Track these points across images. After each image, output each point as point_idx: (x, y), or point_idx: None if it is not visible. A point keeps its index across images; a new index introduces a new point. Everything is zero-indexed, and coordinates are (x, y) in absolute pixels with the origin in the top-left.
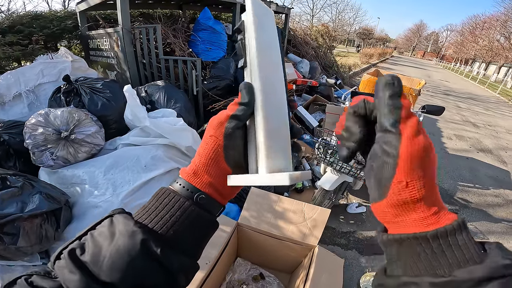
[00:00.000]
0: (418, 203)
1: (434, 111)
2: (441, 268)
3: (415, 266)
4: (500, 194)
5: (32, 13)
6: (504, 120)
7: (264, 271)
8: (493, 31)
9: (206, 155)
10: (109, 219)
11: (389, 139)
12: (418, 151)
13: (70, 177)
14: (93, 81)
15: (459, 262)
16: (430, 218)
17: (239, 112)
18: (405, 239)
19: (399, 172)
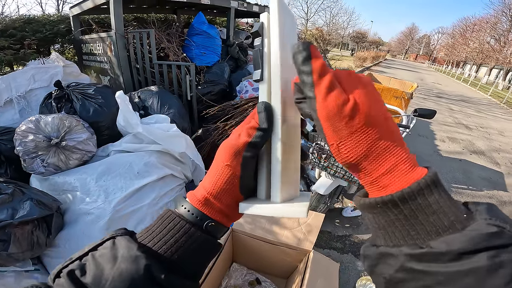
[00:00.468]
0: (362, 163)
1: (426, 114)
2: (419, 237)
3: (393, 235)
4: (494, 195)
5: (25, 17)
6: (496, 121)
7: (260, 276)
8: (483, 34)
9: (220, 185)
10: (111, 240)
11: (313, 105)
12: (333, 109)
13: (61, 184)
14: (85, 87)
15: (437, 229)
16: (383, 179)
17: (257, 139)
18: (374, 204)
19: (327, 136)
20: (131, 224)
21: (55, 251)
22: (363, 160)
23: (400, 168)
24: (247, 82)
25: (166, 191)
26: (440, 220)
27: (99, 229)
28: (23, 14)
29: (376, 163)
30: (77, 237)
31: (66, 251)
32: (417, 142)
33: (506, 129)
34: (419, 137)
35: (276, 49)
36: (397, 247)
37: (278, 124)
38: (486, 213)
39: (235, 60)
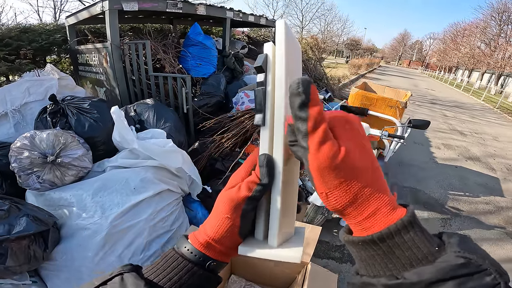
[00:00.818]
0: (348, 209)
1: (420, 125)
2: (395, 269)
3: (373, 267)
4: (491, 201)
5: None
6: (490, 127)
7: (258, 287)
8: (473, 38)
9: (221, 232)
10: (119, 277)
11: (305, 154)
12: (324, 163)
13: (57, 199)
14: (80, 101)
15: (411, 262)
16: (366, 222)
17: (257, 194)
18: (357, 242)
19: (316, 185)
20: (129, 239)
21: (52, 264)
22: (349, 206)
23: (381, 211)
24: (243, 94)
25: (163, 205)
26: (414, 254)
27: (97, 244)
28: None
29: (360, 209)
30: (74, 251)
31: (63, 265)
32: (413, 149)
33: (500, 134)
34: (415, 145)
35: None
36: (377, 278)
37: (279, 177)
38: (457, 245)
39: (231, 71)
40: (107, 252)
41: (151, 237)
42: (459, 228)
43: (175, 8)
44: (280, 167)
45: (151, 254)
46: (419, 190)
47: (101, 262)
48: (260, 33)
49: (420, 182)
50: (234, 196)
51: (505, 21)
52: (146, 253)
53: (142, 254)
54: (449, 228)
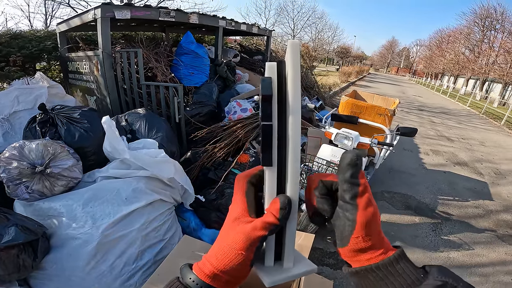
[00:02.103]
0: (369, 248)
1: (408, 132)
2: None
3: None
4: (480, 205)
5: (11, 32)
6: (477, 132)
7: None
8: (458, 44)
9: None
10: None
11: (349, 208)
12: (369, 218)
13: (46, 209)
14: (70, 110)
15: (402, 286)
16: (378, 257)
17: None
18: (360, 271)
19: (356, 231)
20: (121, 248)
21: (42, 274)
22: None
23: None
24: (235, 103)
25: (156, 215)
26: (404, 280)
27: (87, 253)
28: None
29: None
30: (64, 260)
31: (53, 274)
32: (402, 156)
33: (487, 139)
34: (404, 151)
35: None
36: None
37: (296, 211)
38: (436, 272)
39: (223, 80)
40: (98, 262)
41: (144, 247)
42: (450, 232)
43: (168, 17)
44: (296, 204)
45: (143, 263)
46: (410, 196)
47: (92, 272)
48: (252, 41)
49: (411, 188)
50: (252, 234)
51: (488, 26)
52: (139, 263)
53: (135, 264)
54: (440, 232)
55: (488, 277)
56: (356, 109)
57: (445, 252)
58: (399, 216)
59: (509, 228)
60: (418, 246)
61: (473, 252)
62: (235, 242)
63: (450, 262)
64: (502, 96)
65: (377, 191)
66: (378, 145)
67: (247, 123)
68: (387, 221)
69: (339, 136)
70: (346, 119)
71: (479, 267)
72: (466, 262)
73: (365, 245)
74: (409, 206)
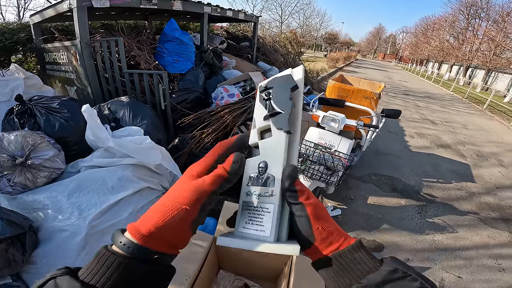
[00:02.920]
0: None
1: (393, 114)
2: (353, 279)
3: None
4: (463, 187)
5: None
6: (459, 116)
7: (248, 281)
8: (443, 32)
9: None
10: (53, 281)
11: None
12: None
13: (31, 202)
14: (49, 100)
15: (362, 273)
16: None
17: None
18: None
19: (313, 223)
20: (109, 239)
21: (33, 268)
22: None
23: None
24: (222, 89)
25: (144, 203)
26: (363, 267)
27: (76, 245)
28: None
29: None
30: (53, 253)
31: (44, 267)
32: (388, 139)
33: (469, 122)
34: (390, 134)
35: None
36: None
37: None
38: (390, 261)
39: (209, 66)
40: (88, 253)
41: None
42: (434, 214)
43: (150, 4)
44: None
45: None
46: (396, 178)
47: (83, 264)
48: (239, 28)
49: (397, 170)
50: (200, 187)
51: (473, 15)
52: None
53: None
54: (425, 215)
55: (472, 260)
56: (343, 92)
57: (430, 235)
58: (386, 199)
59: (491, 211)
60: (404, 228)
61: (457, 235)
62: (181, 195)
63: (435, 245)
64: (485, 81)
65: (364, 174)
66: (364, 127)
67: (235, 108)
68: (374, 203)
69: (326, 118)
70: (333, 103)
71: (463, 251)
72: (450, 245)
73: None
74: (395, 189)
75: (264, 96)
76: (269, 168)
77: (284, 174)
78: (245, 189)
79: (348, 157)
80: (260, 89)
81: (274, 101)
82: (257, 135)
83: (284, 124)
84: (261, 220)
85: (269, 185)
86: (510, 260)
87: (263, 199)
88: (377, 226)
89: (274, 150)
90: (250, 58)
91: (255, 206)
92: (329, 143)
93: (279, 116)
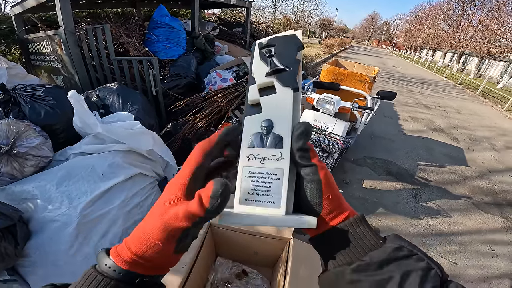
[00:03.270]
0: (339, 209)
1: (388, 96)
2: (354, 256)
3: (338, 257)
4: (456, 171)
5: None
6: (452, 101)
7: (246, 267)
8: (437, 19)
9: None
10: None
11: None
12: (327, 173)
13: (19, 193)
14: (33, 88)
15: (364, 250)
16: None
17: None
18: (324, 236)
19: (325, 191)
20: (102, 228)
21: (28, 261)
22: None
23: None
24: (215, 73)
25: (137, 190)
26: (365, 243)
27: (69, 235)
28: None
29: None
30: (46, 245)
31: (38, 260)
32: (383, 122)
33: (462, 107)
34: (385, 118)
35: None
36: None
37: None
38: (393, 238)
39: (201, 52)
40: (82, 243)
41: (128, 224)
42: (429, 198)
43: None
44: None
45: None
46: (391, 162)
47: (77, 254)
48: (231, 14)
49: (391, 154)
50: (171, 224)
51: (468, 3)
52: None
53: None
54: (419, 199)
55: (466, 246)
56: (338, 76)
57: (425, 220)
58: (381, 182)
59: (484, 195)
60: (400, 213)
61: (451, 219)
62: (152, 229)
63: (430, 230)
64: (479, 68)
65: (359, 157)
66: (359, 109)
67: (228, 93)
68: (370, 187)
69: (321, 101)
70: (328, 86)
71: (457, 236)
72: (445, 230)
73: (335, 204)
74: (390, 172)
75: (265, 52)
76: (275, 127)
77: (297, 131)
78: (246, 152)
79: (343, 139)
80: (260, 45)
81: (278, 58)
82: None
83: (293, 81)
84: (268, 189)
85: (276, 146)
86: (503, 246)
87: (269, 164)
88: (372, 210)
89: (280, 108)
90: (243, 43)
91: (260, 173)
92: (324, 125)
93: (286, 73)
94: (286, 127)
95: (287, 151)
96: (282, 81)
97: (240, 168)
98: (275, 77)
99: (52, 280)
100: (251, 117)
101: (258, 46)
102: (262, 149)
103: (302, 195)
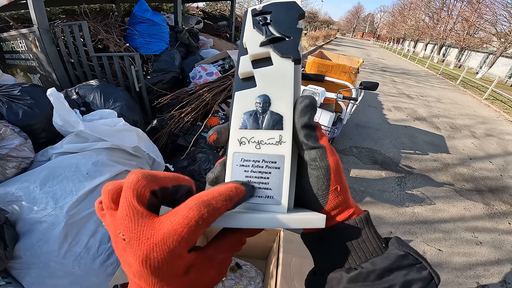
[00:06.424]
0: (345, 204)
1: (371, 86)
2: (353, 262)
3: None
4: (438, 158)
5: None
6: (434, 90)
7: (239, 260)
8: (419, 11)
9: None
10: None
11: (318, 154)
12: (337, 159)
13: (3, 195)
14: (9, 88)
15: (365, 255)
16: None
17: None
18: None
19: (332, 181)
20: (91, 227)
21: (19, 263)
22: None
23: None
24: (200, 68)
25: None
26: (367, 247)
27: (57, 236)
28: None
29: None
30: (35, 246)
31: (30, 262)
32: (367, 112)
33: (443, 96)
34: (369, 108)
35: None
36: (339, 272)
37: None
38: (396, 243)
39: (186, 46)
40: (71, 244)
41: None
42: (413, 186)
43: None
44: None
45: None
46: (376, 150)
47: (68, 255)
48: (216, 7)
49: (376, 143)
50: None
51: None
52: None
53: (110, 242)
54: (404, 187)
55: (450, 233)
56: (323, 68)
57: (410, 207)
58: (367, 171)
59: (465, 182)
60: (386, 201)
61: (434, 207)
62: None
63: (415, 218)
64: (458, 59)
65: (345, 147)
66: (343, 99)
67: (214, 87)
68: (357, 176)
69: (306, 92)
70: (313, 78)
71: (442, 223)
72: (429, 218)
73: (342, 198)
74: (376, 161)
75: (259, 20)
76: (273, 104)
77: (301, 104)
78: (237, 135)
79: (329, 129)
80: (254, 12)
81: (275, 26)
82: (250, 63)
83: (294, 50)
84: (265, 180)
85: (274, 128)
86: (485, 233)
87: (267, 149)
88: (360, 200)
89: (279, 81)
90: (228, 37)
91: (255, 160)
92: None
93: (286, 42)
94: (287, 104)
95: (289, 133)
96: (281, 51)
97: (230, 155)
98: (272, 47)
99: (46, 281)
100: (242, 92)
101: (251, 13)
102: (257, 131)
103: (303, 185)
